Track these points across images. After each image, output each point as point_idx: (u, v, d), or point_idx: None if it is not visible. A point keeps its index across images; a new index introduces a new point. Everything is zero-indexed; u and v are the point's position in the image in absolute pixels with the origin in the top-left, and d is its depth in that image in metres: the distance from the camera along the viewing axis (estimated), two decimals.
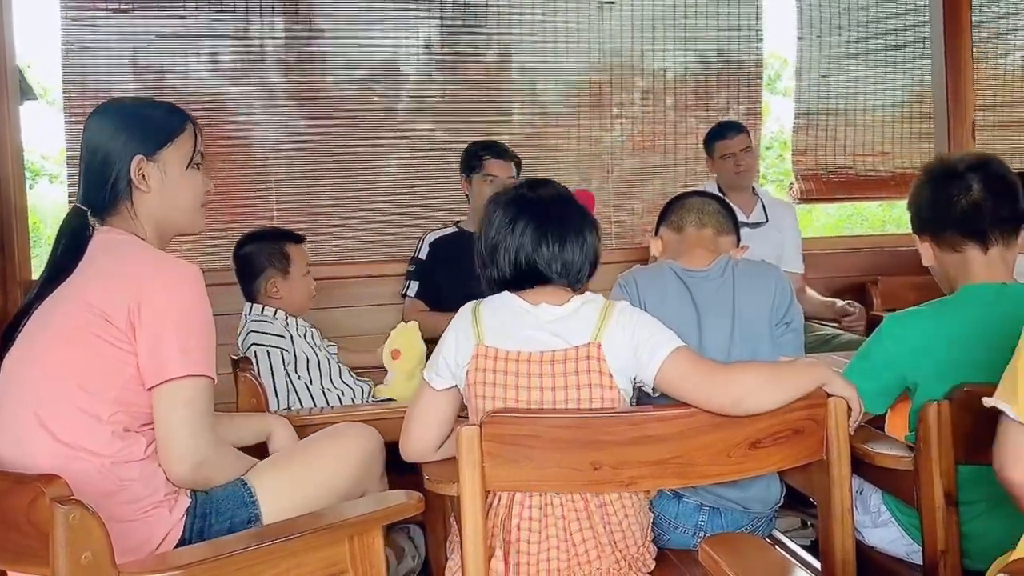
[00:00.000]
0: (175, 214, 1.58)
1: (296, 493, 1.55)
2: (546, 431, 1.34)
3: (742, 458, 1.39)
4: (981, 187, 1.59)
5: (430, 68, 3.84)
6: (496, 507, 1.43)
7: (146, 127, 1.55)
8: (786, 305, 1.76)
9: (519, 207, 1.52)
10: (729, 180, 3.33)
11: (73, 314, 1.44)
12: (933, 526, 1.45)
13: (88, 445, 1.40)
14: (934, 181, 1.65)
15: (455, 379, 1.51)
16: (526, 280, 1.51)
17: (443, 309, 2.90)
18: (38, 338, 1.46)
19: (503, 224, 1.51)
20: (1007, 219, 1.60)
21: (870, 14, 4.24)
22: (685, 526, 1.71)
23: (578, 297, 1.52)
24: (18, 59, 3.18)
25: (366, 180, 3.78)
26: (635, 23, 4.01)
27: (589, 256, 1.53)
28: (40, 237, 7.62)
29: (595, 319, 1.47)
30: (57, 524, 1.09)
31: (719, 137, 3.34)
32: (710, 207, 1.89)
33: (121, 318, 1.41)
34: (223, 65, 3.62)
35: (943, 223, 1.63)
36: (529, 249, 1.48)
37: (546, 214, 1.51)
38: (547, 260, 1.48)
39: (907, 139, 4.29)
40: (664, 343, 1.45)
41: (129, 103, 1.66)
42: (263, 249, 2.48)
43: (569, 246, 1.49)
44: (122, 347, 1.42)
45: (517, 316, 1.49)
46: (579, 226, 1.52)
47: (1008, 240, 1.61)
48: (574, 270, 1.51)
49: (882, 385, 1.60)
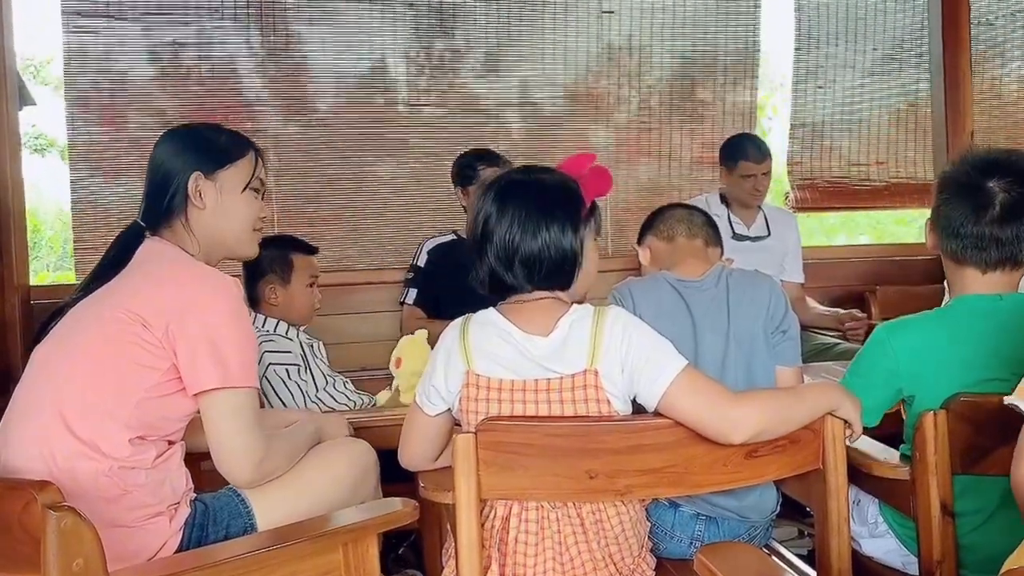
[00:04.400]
0: (226, 234, 1.62)
1: (291, 505, 1.55)
2: (541, 439, 1.33)
3: (738, 467, 1.39)
4: (1000, 215, 1.49)
5: (426, 76, 3.85)
6: (492, 519, 1.42)
7: (209, 147, 1.61)
8: (781, 314, 1.76)
9: (502, 201, 1.42)
10: (742, 198, 3.29)
11: (109, 316, 1.46)
12: (929, 536, 1.44)
13: (102, 445, 1.41)
14: (958, 184, 1.55)
15: (447, 403, 1.48)
16: (508, 287, 1.43)
17: (441, 317, 2.90)
18: (72, 335, 1.49)
19: (489, 218, 1.42)
20: (1017, 259, 1.53)
21: (867, 25, 4.25)
22: (681, 535, 1.70)
23: (565, 319, 1.41)
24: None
25: (364, 188, 3.78)
26: (632, 31, 4.02)
27: (558, 253, 1.40)
28: (40, 239, 7.63)
29: (587, 343, 1.38)
30: (49, 530, 1.09)
31: (744, 156, 3.21)
32: (697, 219, 1.91)
33: (159, 325, 1.43)
34: (221, 75, 3.63)
35: (954, 235, 1.55)
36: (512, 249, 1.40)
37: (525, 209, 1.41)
38: (526, 258, 1.39)
39: (902, 149, 4.30)
40: (666, 366, 1.37)
41: (198, 127, 1.70)
42: (268, 254, 2.47)
43: (541, 239, 1.39)
44: (154, 352, 1.44)
45: (507, 342, 1.41)
46: (553, 219, 1.40)
47: (1012, 268, 1.55)
48: (549, 271, 1.41)
49: (879, 399, 1.58)
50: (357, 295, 3.42)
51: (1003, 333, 1.51)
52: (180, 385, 1.46)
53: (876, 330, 1.63)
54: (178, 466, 1.52)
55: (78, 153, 3.50)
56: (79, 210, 3.49)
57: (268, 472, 1.54)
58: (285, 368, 2.36)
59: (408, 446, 1.55)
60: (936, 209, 1.60)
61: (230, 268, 2.62)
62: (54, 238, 7.80)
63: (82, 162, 3.49)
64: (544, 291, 1.44)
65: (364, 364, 3.11)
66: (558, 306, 1.44)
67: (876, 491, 1.64)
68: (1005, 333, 1.51)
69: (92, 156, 3.48)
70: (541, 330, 1.41)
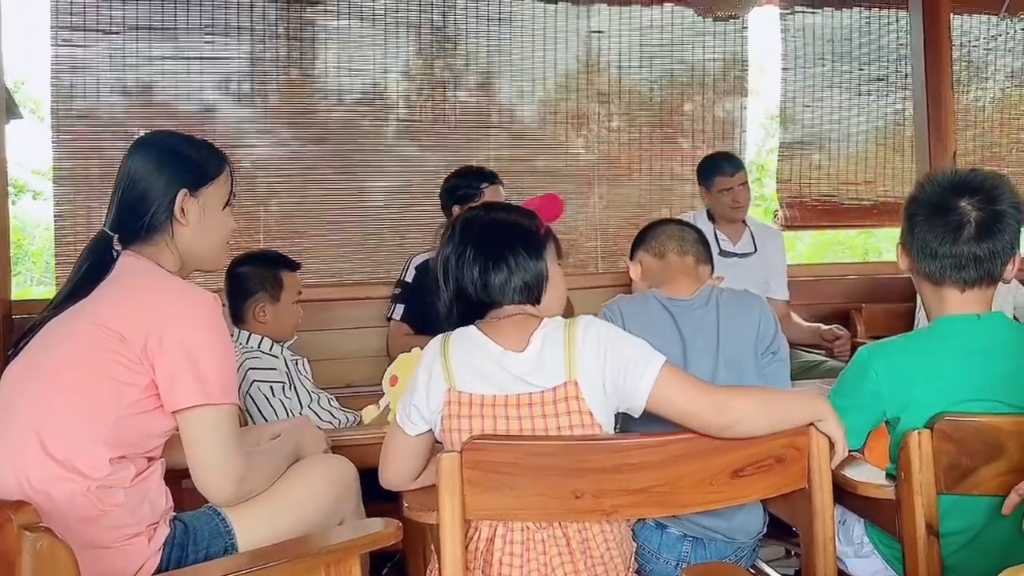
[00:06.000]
0: (205, 250, 1.62)
1: (272, 524, 1.53)
2: (527, 458, 1.32)
3: (724, 486, 1.38)
4: (976, 233, 1.51)
5: (416, 92, 3.86)
6: (477, 540, 1.40)
7: (191, 164, 1.60)
8: (771, 335, 1.76)
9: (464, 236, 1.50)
10: (724, 213, 3.33)
11: (86, 332, 1.44)
12: (915, 556, 1.44)
13: (79, 465, 1.38)
14: (930, 205, 1.57)
15: (428, 423, 1.47)
16: (480, 306, 1.48)
17: (429, 333, 2.88)
18: (47, 353, 1.47)
19: (454, 252, 1.49)
20: (993, 276, 1.55)
21: (853, 45, 4.31)
22: (668, 556, 1.69)
23: (537, 333, 1.42)
24: (8, 76, 3.17)
25: (353, 203, 3.79)
26: (620, 49, 4.06)
27: (527, 278, 1.47)
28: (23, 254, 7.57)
29: (562, 355, 1.40)
30: (24, 552, 1.07)
31: (717, 172, 3.27)
32: (689, 235, 1.90)
33: (137, 342, 1.41)
34: (209, 88, 3.63)
35: (931, 256, 1.56)
36: (475, 275, 1.46)
37: (485, 240, 1.48)
38: (494, 283, 1.45)
39: (890, 168, 4.35)
40: (647, 364, 1.39)
41: (173, 138, 1.67)
42: (257, 273, 2.47)
43: (506, 270, 1.46)
44: (132, 369, 1.42)
45: (488, 357, 1.42)
46: (515, 249, 1.47)
47: (988, 285, 1.56)
48: (519, 291, 1.47)
49: (863, 421, 1.57)
50: (342, 311, 3.40)
51: (984, 353, 1.51)
52: (159, 402, 1.44)
53: (859, 351, 1.62)
54: (158, 484, 1.50)
55: (62, 169, 3.49)
56: (61, 225, 3.47)
57: (249, 490, 1.52)
58: (269, 385, 2.34)
59: (388, 466, 1.53)
60: (908, 231, 1.61)
61: (213, 284, 2.62)
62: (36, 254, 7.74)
63: (67, 179, 3.48)
64: (516, 307, 1.47)
65: (349, 381, 3.10)
66: (530, 321, 1.46)
67: (862, 511, 1.63)
68: (986, 353, 1.51)
69: (76, 174, 3.47)
70: (516, 345, 1.43)
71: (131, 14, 3.51)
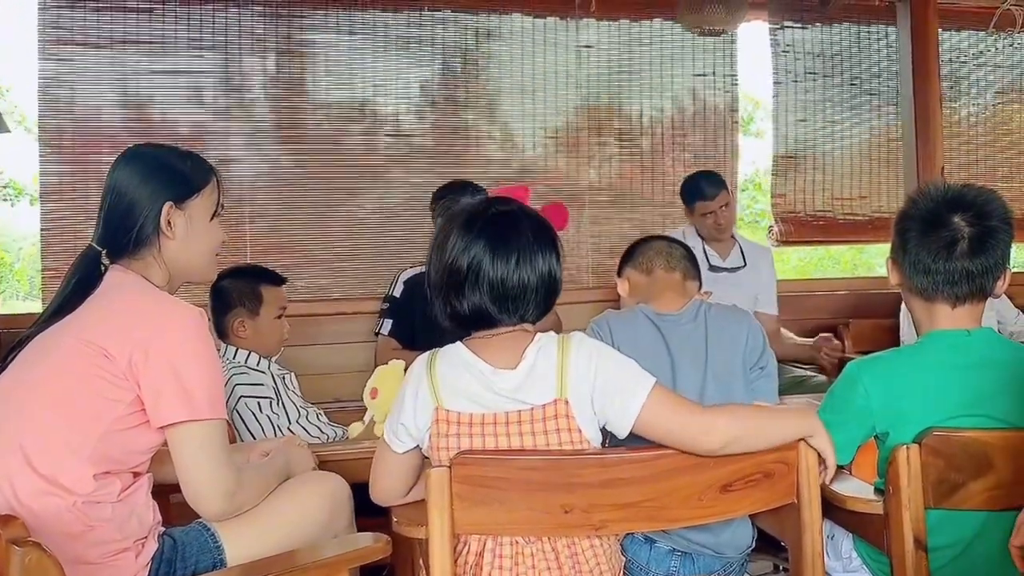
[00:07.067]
0: (193, 262, 1.61)
1: (262, 539, 1.52)
2: (516, 473, 1.32)
3: (713, 501, 1.38)
4: (969, 249, 1.51)
5: (408, 108, 3.88)
6: (466, 555, 1.40)
7: (176, 176, 1.58)
8: (759, 350, 1.76)
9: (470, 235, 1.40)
10: (709, 234, 3.34)
11: (72, 348, 1.43)
12: (903, 571, 1.44)
13: (63, 481, 1.38)
14: (923, 221, 1.56)
15: (416, 441, 1.45)
16: (488, 321, 1.41)
17: (417, 348, 2.88)
18: (33, 367, 1.46)
19: (456, 250, 1.40)
20: (985, 291, 1.55)
21: (843, 60, 4.34)
22: (657, 571, 1.69)
23: (531, 348, 1.39)
24: None
25: (341, 217, 3.79)
26: (612, 68, 4.09)
27: (550, 282, 1.41)
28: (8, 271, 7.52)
29: (554, 372, 1.37)
30: (12, 567, 1.06)
31: (698, 196, 3.27)
32: (677, 251, 1.91)
33: (123, 357, 1.41)
34: (196, 101, 3.64)
35: (924, 271, 1.56)
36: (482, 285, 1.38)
37: (497, 236, 1.39)
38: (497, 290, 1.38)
39: (884, 183, 4.37)
40: (636, 389, 1.37)
41: (158, 151, 1.65)
42: (236, 287, 2.45)
43: (519, 271, 1.38)
44: (118, 384, 1.41)
45: (475, 377, 1.39)
46: (530, 249, 1.39)
47: (979, 300, 1.57)
48: (524, 301, 1.40)
49: (853, 435, 1.57)
50: (330, 325, 3.40)
51: (974, 368, 1.52)
52: (144, 418, 1.44)
53: (848, 366, 1.62)
54: (145, 499, 1.49)
55: (49, 184, 3.48)
56: (48, 239, 3.46)
57: (240, 504, 1.51)
58: (257, 401, 2.33)
59: (378, 483, 1.52)
60: (900, 247, 1.61)
61: (198, 299, 2.61)
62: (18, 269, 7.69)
63: (53, 195, 3.47)
64: (511, 325, 1.42)
65: (337, 395, 3.08)
66: (523, 337, 1.42)
67: (850, 525, 1.64)
68: (975, 368, 1.52)
69: (63, 188, 3.46)
70: (508, 363, 1.40)
71: (119, 29, 3.52)
